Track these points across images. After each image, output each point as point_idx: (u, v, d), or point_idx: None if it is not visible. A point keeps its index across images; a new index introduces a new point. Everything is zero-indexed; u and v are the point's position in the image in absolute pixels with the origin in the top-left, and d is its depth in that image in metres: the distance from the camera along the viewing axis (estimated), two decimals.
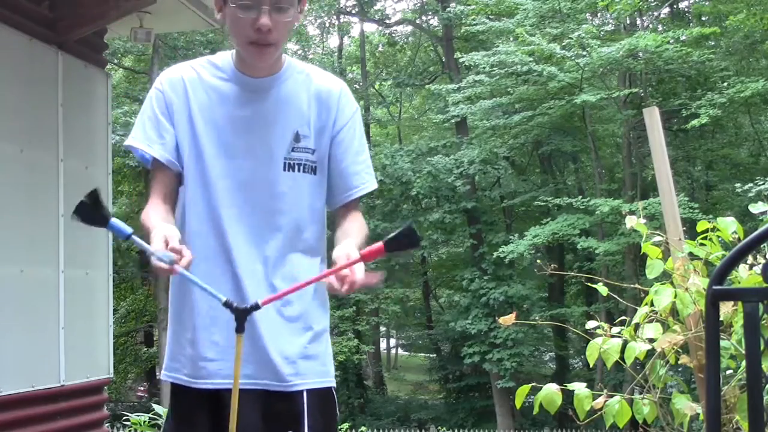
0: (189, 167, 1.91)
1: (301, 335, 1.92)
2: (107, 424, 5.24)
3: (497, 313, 17.92)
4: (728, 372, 2.39)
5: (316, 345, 1.95)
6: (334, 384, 1.97)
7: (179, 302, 1.95)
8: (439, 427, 17.60)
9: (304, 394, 1.89)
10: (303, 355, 1.91)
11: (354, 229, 1.92)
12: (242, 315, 1.60)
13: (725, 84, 16.28)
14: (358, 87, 26.30)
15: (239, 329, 1.60)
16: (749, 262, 2.42)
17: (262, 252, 1.89)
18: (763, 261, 2.33)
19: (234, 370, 1.62)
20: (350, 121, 1.98)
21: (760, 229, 1.67)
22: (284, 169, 1.91)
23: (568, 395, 2.59)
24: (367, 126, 23.44)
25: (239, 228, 1.89)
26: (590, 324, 2.66)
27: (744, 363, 1.94)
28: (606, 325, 2.63)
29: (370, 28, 28.56)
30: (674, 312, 2.50)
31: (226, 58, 1.96)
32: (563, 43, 16.57)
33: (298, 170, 1.92)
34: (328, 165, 1.97)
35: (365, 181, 2.01)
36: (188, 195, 1.92)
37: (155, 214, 1.82)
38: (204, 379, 1.90)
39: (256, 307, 1.61)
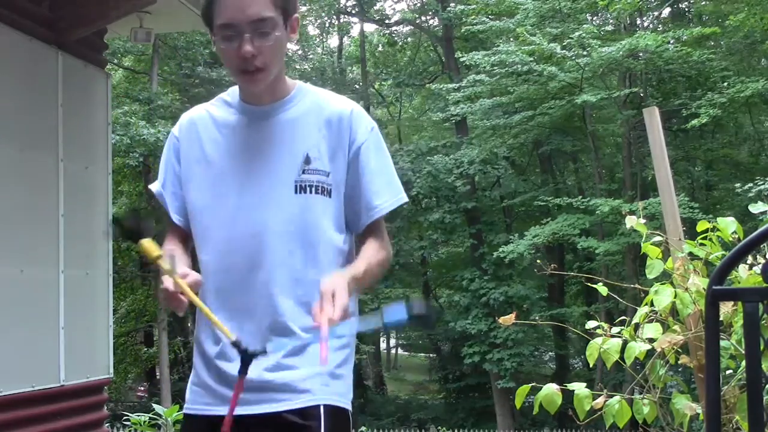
0: (203, 198, 1.94)
1: (330, 353, 1.87)
2: (107, 424, 5.25)
3: (497, 313, 17.91)
4: (728, 372, 2.39)
5: (343, 364, 1.92)
6: (350, 408, 1.94)
7: (199, 331, 1.96)
8: (439, 427, 17.60)
9: (321, 408, 1.85)
10: (328, 372, 1.88)
11: (365, 254, 1.90)
12: (249, 358, 1.65)
13: (725, 84, 16.30)
14: (358, 87, 26.32)
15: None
16: (749, 262, 2.42)
17: (277, 272, 1.87)
18: (763, 261, 2.33)
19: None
20: (365, 142, 1.95)
21: (760, 229, 1.67)
22: (295, 192, 1.89)
23: (568, 395, 2.59)
24: None
25: (252, 250, 1.88)
26: (590, 324, 2.65)
27: (744, 363, 1.94)
28: (606, 325, 2.63)
29: (369, 28, 28.62)
30: (674, 312, 2.50)
31: (235, 92, 1.99)
32: (563, 43, 16.58)
33: (310, 192, 1.90)
34: (348, 188, 1.94)
35: (386, 199, 1.96)
36: (201, 227, 1.94)
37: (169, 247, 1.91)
38: (219, 407, 1.87)
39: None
